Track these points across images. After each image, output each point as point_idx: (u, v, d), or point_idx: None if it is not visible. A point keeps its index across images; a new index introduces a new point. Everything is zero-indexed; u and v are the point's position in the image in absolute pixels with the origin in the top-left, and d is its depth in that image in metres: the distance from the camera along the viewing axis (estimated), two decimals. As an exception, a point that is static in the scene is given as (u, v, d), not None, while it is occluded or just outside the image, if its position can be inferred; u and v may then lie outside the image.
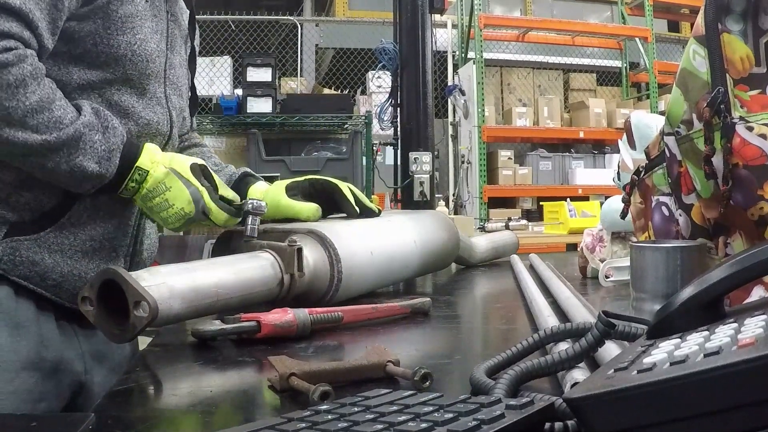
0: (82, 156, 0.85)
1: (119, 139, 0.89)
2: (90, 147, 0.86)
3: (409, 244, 1.10)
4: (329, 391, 0.51)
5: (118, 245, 0.98)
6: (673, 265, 0.73)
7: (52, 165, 0.84)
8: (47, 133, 0.82)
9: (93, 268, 0.94)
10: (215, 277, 0.79)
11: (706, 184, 0.71)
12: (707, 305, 0.45)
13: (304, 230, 0.95)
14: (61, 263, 0.91)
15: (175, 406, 0.58)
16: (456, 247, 1.29)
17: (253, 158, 3.58)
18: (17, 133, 0.80)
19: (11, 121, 0.79)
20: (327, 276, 0.93)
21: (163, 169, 0.91)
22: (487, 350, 0.80)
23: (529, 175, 5.80)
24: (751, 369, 0.33)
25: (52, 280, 0.91)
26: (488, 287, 1.30)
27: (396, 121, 3.49)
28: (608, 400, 0.37)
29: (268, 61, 3.57)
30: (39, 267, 0.90)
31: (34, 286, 0.90)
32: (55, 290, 0.92)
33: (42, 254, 0.90)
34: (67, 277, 0.92)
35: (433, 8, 3.36)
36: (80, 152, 0.85)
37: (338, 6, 7.37)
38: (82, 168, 0.85)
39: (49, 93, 0.83)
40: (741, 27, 0.69)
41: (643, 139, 0.98)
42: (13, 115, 0.79)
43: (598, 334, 0.52)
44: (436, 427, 0.37)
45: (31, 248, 0.89)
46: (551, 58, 6.68)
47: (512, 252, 1.57)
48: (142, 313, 0.69)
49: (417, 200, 3.32)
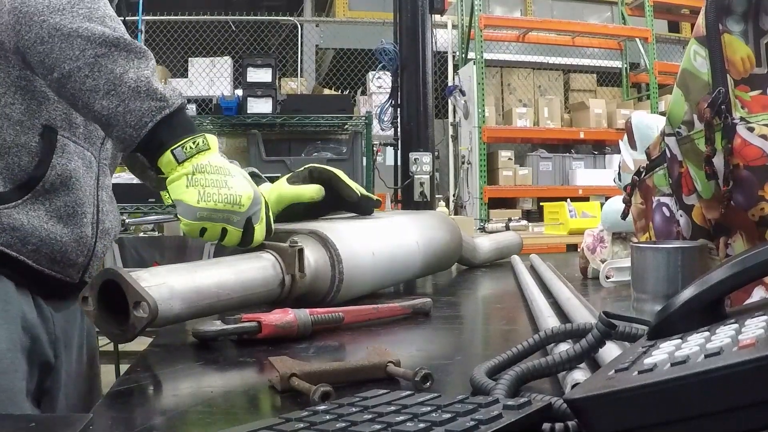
0: (150, 73, 0.84)
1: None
2: (151, 69, 0.85)
3: (411, 245, 1.10)
4: (330, 391, 0.51)
5: (86, 212, 0.99)
6: (674, 265, 0.73)
7: (120, 70, 0.82)
8: (122, 34, 0.84)
9: (67, 232, 0.96)
10: (216, 277, 0.79)
11: (707, 184, 0.71)
12: (708, 306, 0.45)
13: (306, 231, 0.95)
14: (38, 228, 0.92)
15: (175, 406, 0.58)
16: (459, 248, 1.29)
17: (253, 159, 3.58)
18: (96, 27, 0.82)
19: (92, 17, 0.83)
20: (328, 277, 0.93)
21: (228, 161, 0.89)
22: (488, 351, 0.80)
23: (529, 176, 5.80)
24: (752, 370, 0.33)
25: (32, 245, 0.92)
26: (489, 288, 1.30)
27: (396, 122, 3.49)
28: (609, 400, 0.37)
29: (269, 62, 3.57)
30: (19, 232, 0.91)
31: (16, 254, 0.91)
32: (35, 255, 0.93)
33: (21, 219, 0.91)
34: (45, 240, 0.93)
35: (433, 9, 3.36)
36: (148, 68, 0.84)
37: (338, 6, 7.38)
38: (148, 81, 0.83)
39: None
40: (742, 28, 0.69)
41: (644, 139, 0.98)
42: (94, 14, 0.83)
43: (599, 335, 0.52)
44: (434, 427, 0.37)
45: (12, 215, 0.90)
46: (551, 58, 6.68)
47: (516, 252, 1.57)
48: (142, 313, 0.69)
49: (417, 201, 3.32)
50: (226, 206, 0.84)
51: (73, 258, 0.97)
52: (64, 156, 0.95)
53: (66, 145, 0.96)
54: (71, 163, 0.96)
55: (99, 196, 1.03)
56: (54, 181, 0.94)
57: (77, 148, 0.98)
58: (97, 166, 1.03)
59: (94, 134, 1.02)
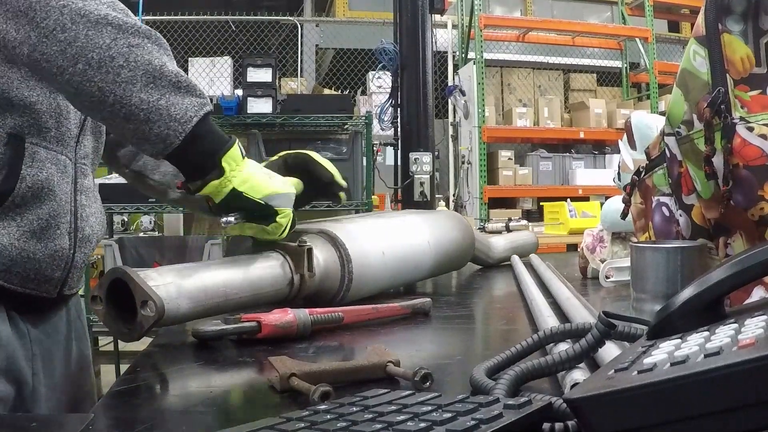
0: (178, 66, 0.81)
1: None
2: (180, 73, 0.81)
3: (422, 245, 1.10)
4: (329, 391, 0.51)
5: (61, 223, 0.91)
6: (674, 265, 0.73)
7: (158, 62, 0.77)
8: (149, 31, 0.79)
9: (41, 248, 0.88)
10: (224, 276, 0.79)
11: (706, 184, 0.71)
12: (708, 306, 0.45)
13: (315, 230, 0.95)
14: (8, 247, 0.85)
15: (175, 406, 0.58)
16: (471, 248, 1.28)
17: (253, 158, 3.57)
18: (123, 17, 0.77)
19: (116, 7, 0.78)
20: (338, 276, 0.92)
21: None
22: (488, 351, 0.80)
23: (529, 176, 5.80)
24: (752, 369, 0.33)
25: (1, 265, 0.85)
26: (488, 288, 1.30)
27: (396, 122, 3.50)
28: (609, 400, 0.37)
29: (269, 62, 3.57)
30: None
31: None
32: (5, 276, 0.86)
33: None
34: (16, 260, 0.85)
35: (433, 8, 3.37)
36: (175, 65, 0.81)
37: (338, 6, 7.37)
38: (185, 77, 0.79)
39: None
40: (741, 27, 0.69)
41: (644, 139, 0.98)
42: (117, 5, 0.79)
43: (599, 335, 0.52)
44: (435, 426, 0.37)
45: None
46: (551, 58, 6.67)
47: (532, 251, 1.55)
48: (149, 312, 0.69)
49: (417, 201, 3.32)
50: (292, 189, 0.90)
51: (48, 274, 0.90)
52: (35, 165, 0.87)
53: (36, 152, 0.87)
54: (43, 172, 0.87)
55: (77, 202, 0.95)
56: (25, 194, 0.85)
57: (49, 154, 0.89)
58: (74, 169, 0.94)
59: (67, 135, 0.93)
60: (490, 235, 1.64)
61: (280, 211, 0.88)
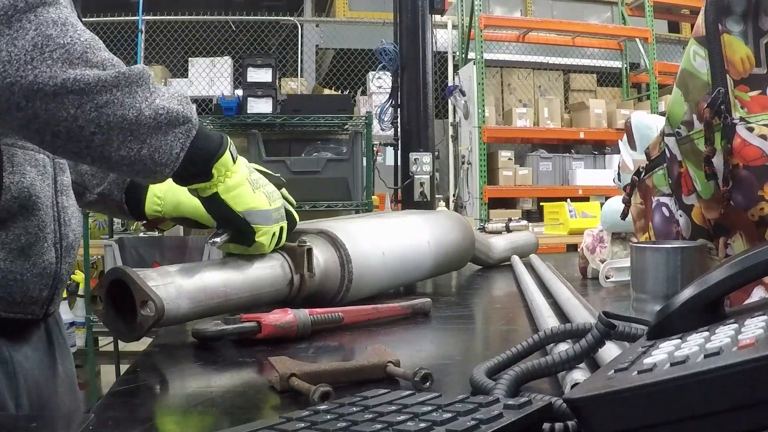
0: (157, 95, 0.72)
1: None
2: (158, 90, 0.73)
3: (422, 245, 1.10)
4: (329, 391, 0.51)
5: (47, 234, 0.83)
6: (674, 265, 0.73)
7: (133, 113, 0.69)
8: (115, 65, 0.69)
9: (29, 267, 0.80)
10: (224, 277, 0.79)
11: (706, 184, 0.71)
12: (708, 306, 0.45)
13: (315, 230, 0.95)
14: None
15: (175, 406, 0.58)
16: (471, 248, 1.28)
17: (253, 159, 3.57)
18: (85, 72, 0.66)
19: (71, 59, 0.66)
20: (338, 276, 0.92)
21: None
22: (488, 351, 0.80)
23: (529, 176, 5.80)
24: (752, 370, 0.33)
25: None
26: (488, 288, 1.30)
27: (396, 122, 3.50)
28: (609, 400, 0.37)
29: (269, 62, 3.57)
30: None
31: None
32: None
33: None
34: (1, 284, 0.78)
35: (433, 9, 3.37)
36: (154, 89, 0.72)
37: (338, 6, 7.38)
38: (164, 109, 0.71)
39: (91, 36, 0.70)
40: (741, 28, 0.69)
41: (644, 139, 0.98)
42: (72, 53, 0.66)
43: (599, 335, 0.52)
44: (435, 426, 0.37)
45: None
46: (551, 58, 6.68)
47: (532, 252, 1.55)
48: (149, 312, 0.69)
49: (417, 201, 3.32)
50: (280, 202, 0.86)
51: (35, 295, 0.81)
52: (15, 170, 0.79)
53: (13, 154, 0.79)
54: (26, 177, 0.79)
55: (59, 204, 0.86)
56: (11, 207, 0.78)
57: (26, 154, 0.81)
58: (53, 166, 0.86)
59: None
60: (490, 235, 1.64)
61: (256, 228, 0.83)
